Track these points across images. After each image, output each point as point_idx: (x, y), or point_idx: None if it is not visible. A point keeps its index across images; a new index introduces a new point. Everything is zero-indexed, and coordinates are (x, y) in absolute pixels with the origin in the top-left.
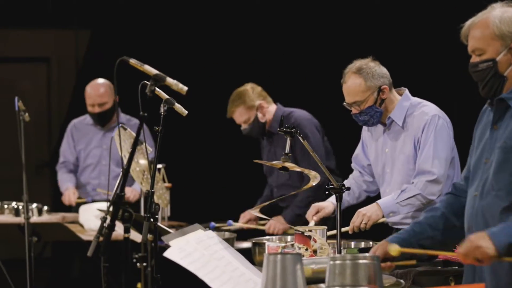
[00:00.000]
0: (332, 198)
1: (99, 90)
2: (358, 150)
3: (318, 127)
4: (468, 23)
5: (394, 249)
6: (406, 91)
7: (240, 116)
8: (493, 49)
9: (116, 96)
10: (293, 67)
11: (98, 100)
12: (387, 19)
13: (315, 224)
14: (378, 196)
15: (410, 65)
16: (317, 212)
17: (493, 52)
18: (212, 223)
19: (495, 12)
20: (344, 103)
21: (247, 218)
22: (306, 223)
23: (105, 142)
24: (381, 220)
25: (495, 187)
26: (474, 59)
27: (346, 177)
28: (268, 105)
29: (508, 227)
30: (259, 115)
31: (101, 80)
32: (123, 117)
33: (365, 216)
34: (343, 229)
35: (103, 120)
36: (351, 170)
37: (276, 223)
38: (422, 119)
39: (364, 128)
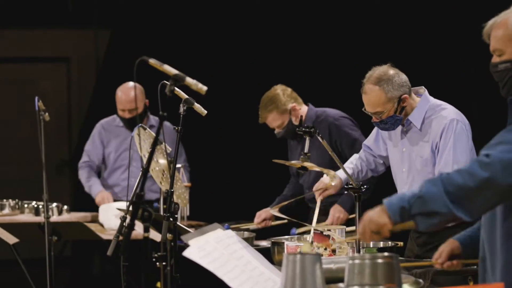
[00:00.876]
0: (340, 173)
1: (129, 95)
2: (372, 137)
3: (354, 122)
4: (490, 22)
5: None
6: (425, 92)
7: (274, 121)
8: (511, 50)
9: (146, 99)
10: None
11: (128, 106)
12: (407, 17)
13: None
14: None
15: (430, 64)
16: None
17: (511, 54)
18: (227, 225)
19: None
20: (364, 109)
21: (262, 217)
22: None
23: (135, 144)
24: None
25: None
26: (495, 59)
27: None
28: (300, 106)
29: (403, 194)
30: (293, 118)
31: (131, 84)
32: (152, 119)
33: None
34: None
35: (133, 124)
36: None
37: (339, 214)
38: (440, 123)
39: None
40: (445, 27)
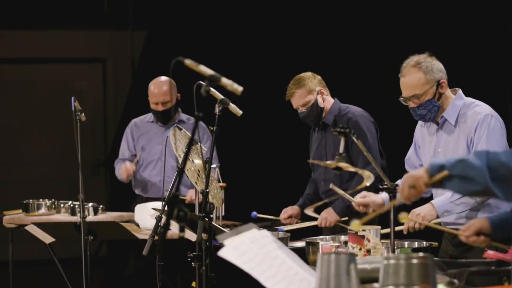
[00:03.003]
0: (384, 194)
1: (162, 88)
2: (411, 152)
3: (374, 125)
4: None
5: (355, 224)
6: (460, 91)
7: (300, 98)
8: None
9: (178, 94)
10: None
11: (161, 99)
12: (441, 17)
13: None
14: (431, 197)
15: (464, 65)
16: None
17: None
18: (254, 213)
19: None
20: (401, 98)
21: (288, 213)
22: (354, 214)
23: (164, 140)
24: (436, 220)
25: None
26: None
27: (394, 178)
28: (327, 94)
29: (451, 157)
30: (319, 99)
31: (164, 78)
32: (183, 116)
33: (419, 216)
34: (397, 228)
35: (166, 118)
36: (401, 171)
37: (327, 216)
38: (475, 118)
39: (417, 129)
40: (478, 27)
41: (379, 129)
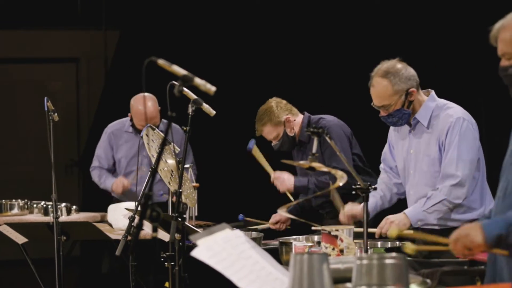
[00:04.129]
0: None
1: (150, 111)
2: (386, 151)
3: (347, 133)
4: (497, 25)
5: (410, 248)
6: (432, 93)
7: (269, 133)
8: None
9: (158, 107)
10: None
11: (151, 122)
12: (414, 19)
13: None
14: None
15: (437, 66)
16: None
17: None
18: (241, 216)
19: None
20: (372, 104)
21: (277, 219)
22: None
23: (145, 149)
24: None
25: None
26: (504, 62)
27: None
28: (294, 117)
29: (502, 220)
30: (287, 129)
31: (147, 96)
32: (162, 123)
33: (392, 223)
34: (370, 230)
35: None
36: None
37: (283, 180)
38: (446, 121)
39: (390, 129)
40: (452, 29)
41: (355, 131)
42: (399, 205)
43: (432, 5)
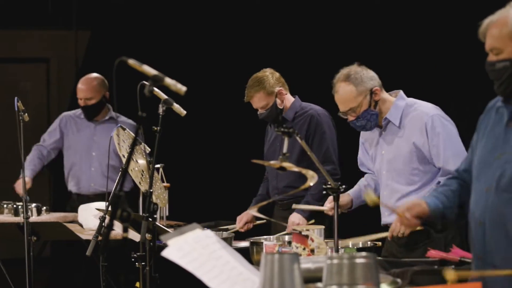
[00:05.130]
0: (350, 190)
1: (86, 85)
2: (360, 156)
3: (333, 124)
4: (486, 21)
5: (451, 277)
6: (401, 92)
7: (259, 101)
8: (511, 49)
9: (106, 91)
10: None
11: (83, 95)
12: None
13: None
14: None
15: (405, 66)
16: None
17: (511, 52)
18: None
19: None
20: (339, 113)
21: (244, 220)
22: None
23: (95, 134)
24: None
25: None
26: (491, 57)
27: (348, 181)
28: (287, 92)
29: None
30: (278, 101)
31: (92, 75)
32: (113, 113)
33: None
34: (382, 235)
35: (89, 114)
36: (353, 174)
37: (298, 221)
38: (420, 119)
39: (361, 133)
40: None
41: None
42: None
43: (430, 5)
